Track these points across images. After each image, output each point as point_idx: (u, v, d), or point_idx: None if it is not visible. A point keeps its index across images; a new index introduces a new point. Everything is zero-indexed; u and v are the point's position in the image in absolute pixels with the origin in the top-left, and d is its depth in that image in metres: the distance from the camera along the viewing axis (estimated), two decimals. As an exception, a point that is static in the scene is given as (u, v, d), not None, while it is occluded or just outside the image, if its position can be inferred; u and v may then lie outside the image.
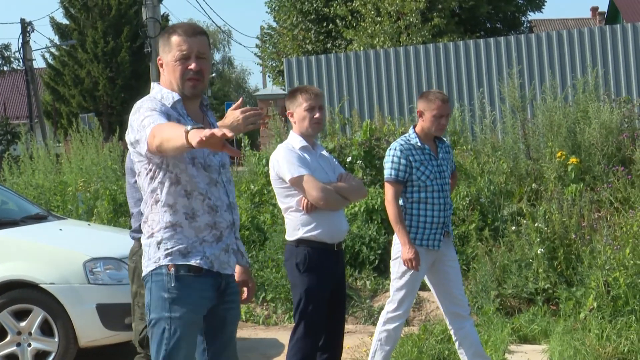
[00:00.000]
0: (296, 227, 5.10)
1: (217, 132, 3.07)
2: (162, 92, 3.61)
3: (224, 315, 3.71)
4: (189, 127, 3.20)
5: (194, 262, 3.53)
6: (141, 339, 4.53)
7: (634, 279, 7.21)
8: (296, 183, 5.00)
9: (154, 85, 3.72)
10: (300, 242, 5.07)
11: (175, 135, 3.28)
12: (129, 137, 3.56)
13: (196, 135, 3.12)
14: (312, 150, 5.17)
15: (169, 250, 3.50)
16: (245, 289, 3.95)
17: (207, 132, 3.09)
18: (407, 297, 5.42)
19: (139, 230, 4.61)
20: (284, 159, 5.08)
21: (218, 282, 3.64)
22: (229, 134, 3.12)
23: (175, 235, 3.52)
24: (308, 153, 5.14)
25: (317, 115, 5.01)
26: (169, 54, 3.52)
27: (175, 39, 3.49)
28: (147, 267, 3.55)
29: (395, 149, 5.43)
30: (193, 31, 3.57)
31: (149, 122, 3.40)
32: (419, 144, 5.42)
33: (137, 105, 3.59)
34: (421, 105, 5.53)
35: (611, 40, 12.46)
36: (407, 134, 5.58)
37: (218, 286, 3.64)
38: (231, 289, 3.72)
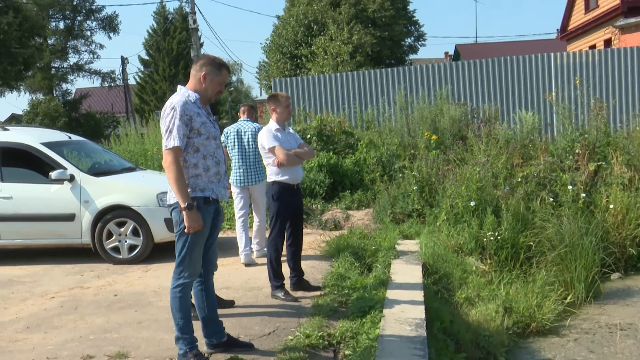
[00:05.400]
0: (272, 174, 6.06)
1: (194, 228, 4.09)
2: (188, 92, 4.29)
3: (216, 224, 4.49)
4: (185, 205, 4.09)
5: (207, 194, 4.30)
6: None
7: (467, 202, 8.89)
8: (272, 150, 5.97)
9: (180, 87, 4.37)
10: (274, 183, 6.05)
11: (178, 188, 4.11)
12: (162, 123, 4.25)
13: (188, 218, 4.08)
14: (282, 131, 6.13)
15: (193, 188, 4.27)
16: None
17: (194, 225, 4.11)
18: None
19: None
20: (265, 136, 6.08)
21: (216, 206, 4.42)
22: (197, 229, 4.15)
23: (197, 180, 4.28)
24: (280, 132, 6.10)
25: (291, 110, 6.22)
26: (217, 76, 4.30)
27: (224, 72, 4.38)
28: (175, 198, 4.23)
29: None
30: (228, 72, 4.48)
31: (174, 136, 4.17)
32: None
33: (173, 104, 4.24)
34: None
35: (455, 69, 14.97)
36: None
37: (216, 208, 4.42)
38: (220, 209, 4.55)
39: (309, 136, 11.81)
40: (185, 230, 4.12)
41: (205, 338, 4.68)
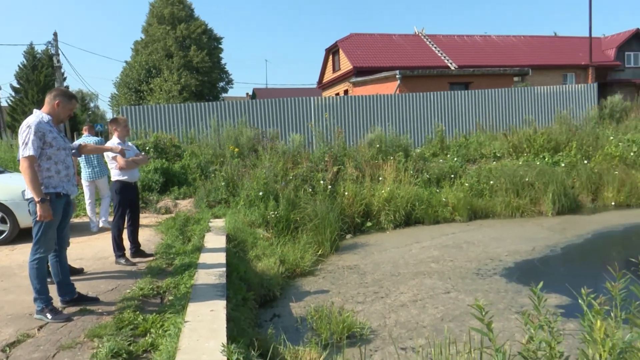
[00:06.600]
0: (116, 175, 5.72)
1: (45, 217, 3.62)
2: (42, 114, 3.86)
3: (67, 213, 4.13)
4: (39, 199, 3.63)
5: (59, 190, 3.94)
6: None
7: (257, 193, 8.72)
8: (114, 158, 5.68)
9: (35, 110, 3.89)
10: (117, 181, 5.69)
11: (33, 187, 3.63)
12: (20, 137, 3.74)
13: (41, 209, 3.61)
14: (123, 144, 5.74)
15: (47, 186, 3.90)
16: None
17: (45, 215, 3.62)
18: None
19: None
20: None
21: (66, 199, 4.04)
22: (47, 218, 3.66)
23: (50, 180, 3.91)
24: (121, 145, 5.68)
25: (128, 129, 5.80)
26: (68, 104, 3.94)
27: (73, 101, 4.02)
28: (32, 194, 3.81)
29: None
30: (76, 102, 4.10)
31: (29, 147, 3.66)
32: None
33: (29, 123, 3.74)
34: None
35: (252, 105, 14.32)
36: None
37: (67, 201, 4.05)
38: (71, 201, 4.20)
39: (147, 148, 11.05)
40: (38, 219, 3.80)
41: (60, 297, 4.25)
